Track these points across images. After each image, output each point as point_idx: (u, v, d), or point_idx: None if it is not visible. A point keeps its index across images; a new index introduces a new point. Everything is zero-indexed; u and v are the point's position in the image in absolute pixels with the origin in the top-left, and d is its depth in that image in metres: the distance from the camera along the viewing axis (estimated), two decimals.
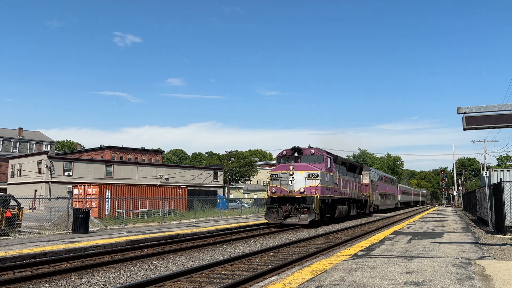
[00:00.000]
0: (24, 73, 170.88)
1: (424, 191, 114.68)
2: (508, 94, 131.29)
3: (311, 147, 25.78)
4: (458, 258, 9.66)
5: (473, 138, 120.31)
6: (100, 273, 9.71)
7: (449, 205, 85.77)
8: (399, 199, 63.72)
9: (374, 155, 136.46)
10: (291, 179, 23.60)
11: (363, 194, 36.67)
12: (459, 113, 10.44)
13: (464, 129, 10.42)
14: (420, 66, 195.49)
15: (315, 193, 22.98)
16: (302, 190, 23.18)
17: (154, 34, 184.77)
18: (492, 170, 22.84)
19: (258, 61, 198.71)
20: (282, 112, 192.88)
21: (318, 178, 23.52)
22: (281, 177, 23.86)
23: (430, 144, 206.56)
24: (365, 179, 39.60)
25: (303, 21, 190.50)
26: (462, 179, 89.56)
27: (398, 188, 64.42)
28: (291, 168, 23.77)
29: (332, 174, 26.38)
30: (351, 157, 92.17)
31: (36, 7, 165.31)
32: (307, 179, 23.42)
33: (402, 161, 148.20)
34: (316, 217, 22.74)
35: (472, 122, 10.39)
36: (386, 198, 50.47)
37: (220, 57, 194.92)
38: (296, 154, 25.30)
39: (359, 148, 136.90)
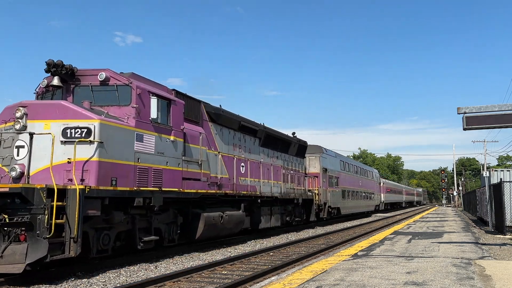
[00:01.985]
0: (25, 73, 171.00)
1: (420, 190, 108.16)
2: (508, 94, 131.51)
3: (112, 71, 10.87)
4: (458, 258, 9.66)
5: (473, 138, 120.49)
6: (100, 273, 9.70)
7: (449, 205, 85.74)
8: (383, 198, 50.45)
9: (374, 155, 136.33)
10: (20, 142, 9.40)
11: (308, 190, 24.02)
12: (459, 113, 10.46)
13: (464, 129, 10.43)
14: (420, 65, 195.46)
15: (75, 180, 8.89)
16: (17, 172, 9.26)
17: (155, 34, 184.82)
18: (492, 170, 22.89)
19: (259, 61, 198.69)
20: (282, 112, 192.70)
21: (93, 139, 9.37)
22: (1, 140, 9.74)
23: (430, 144, 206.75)
24: (312, 166, 26.66)
25: (303, 21, 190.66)
26: (462, 179, 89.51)
27: (382, 184, 50.68)
28: (18, 112, 9.49)
29: (174, 138, 11.85)
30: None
31: (37, 7, 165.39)
32: (61, 142, 9.35)
33: (402, 161, 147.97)
34: (73, 249, 8.65)
35: (472, 122, 10.40)
36: (356, 197, 35.81)
37: (220, 57, 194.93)
38: (56, 83, 10.44)
39: (359, 148, 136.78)
